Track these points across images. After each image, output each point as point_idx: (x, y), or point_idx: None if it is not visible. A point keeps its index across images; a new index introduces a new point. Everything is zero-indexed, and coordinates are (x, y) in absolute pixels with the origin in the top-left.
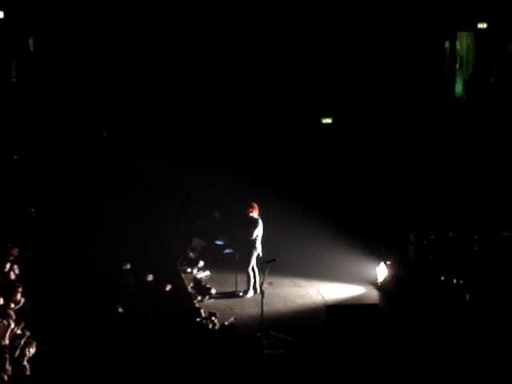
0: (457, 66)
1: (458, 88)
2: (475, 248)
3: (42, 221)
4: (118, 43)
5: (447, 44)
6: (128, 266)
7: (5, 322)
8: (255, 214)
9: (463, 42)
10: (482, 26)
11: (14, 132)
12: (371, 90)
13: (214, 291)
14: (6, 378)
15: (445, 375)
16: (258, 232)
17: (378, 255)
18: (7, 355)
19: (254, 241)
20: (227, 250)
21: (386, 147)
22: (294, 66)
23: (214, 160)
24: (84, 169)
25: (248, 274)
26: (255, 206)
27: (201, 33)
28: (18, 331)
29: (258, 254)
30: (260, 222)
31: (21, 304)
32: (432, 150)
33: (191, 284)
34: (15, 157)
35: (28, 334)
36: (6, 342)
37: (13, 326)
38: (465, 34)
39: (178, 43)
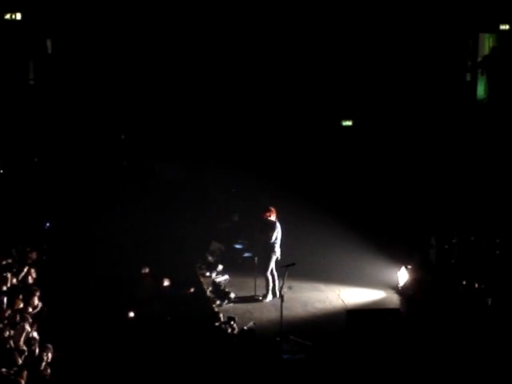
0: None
1: (480, 91)
2: (497, 252)
3: (59, 225)
4: (135, 45)
5: (470, 46)
6: (147, 270)
7: (24, 326)
8: (273, 217)
9: (485, 44)
10: (505, 27)
11: (31, 135)
12: (392, 92)
13: (232, 295)
14: (22, 382)
15: (465, 380)
16: (277, 236)
17: (399, 259)
18: (22, 359)
19: (273, 244)
20: (246, 254)
21: (407, 150)
22: (314, 68)
23: (233, 163)
24: (102, 171)
25: (267, 277)
26: (273, 209)
27: (221, 38)
28: (34, 335)
29: (277, 258)
30: (278, 225)
31: (38, 308)
32: (454, 153)
33: (210, 288)
34: (35, 159)
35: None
36: (22, 345)
37: (29, 329)
38: (487, 35)
39: (198, 47)
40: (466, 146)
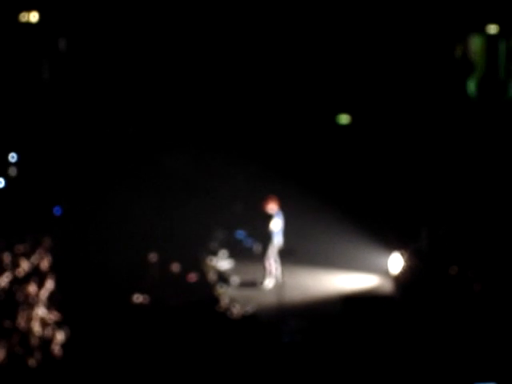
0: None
1: (470, 89)
2: (485, 241)
3: (71, 211)
4: (143, 41)
5: (460, 47)
6: (154, 256)
7: (36, 310)
8: (274, 206)
9: (475, 44)
10: (493, 28)
11: (44, 129)
12: (385, 89)
13: (234, 281)
14: (34, 363)
15: (459, 366)
16: (278, 224)
17: (394, 247)
18: (35, 341)
19: (273, 233)
20: (248, 241)
21: (400, 143)
22: (311, 61)
23: (235, 154)
24: (110, 162)
25: (267, 264)
26: (274, 198)
27: (222, 30)
28: (47, 317)
29: (278, 246)
30: (279, 214)
31: (52, 292)
32: (445, 148)
33: (213, 274)
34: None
35: (57, 320)
36: (36, 328)
37: (43, 313)
38: (476, 35)
39: (201, 39)
40: (457, 141)
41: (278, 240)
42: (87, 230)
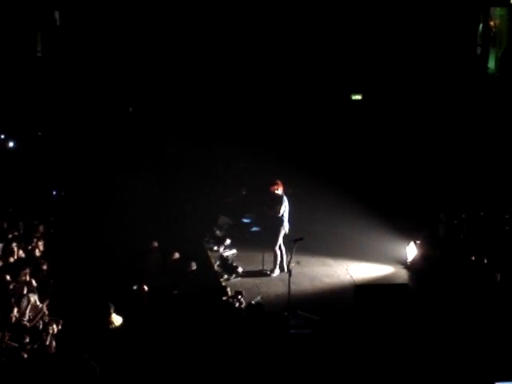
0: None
1: (491, 64)
2: (507, 227)
3: (67, 198)
4: (143, 18)
5: (480, 20)
6: (155, 244)
7: (29, 298)
8: (280, 191)
9: (496, 18)
10: None
11: (38, 108)
12: (403, 67)
13: (240, 270)
14: (25, 355)
15: (474, 355)
16: (284, 209)
17: (408, 234)
18: (27, 332)
19: (281, 218)
20: (254, 228)
21: (416, 124)
22: (324, 41)
23: (241, 138)
24: (109, 144)
25: (275, 252)
26: (280, 183)
27: (230, 13)
28: (40, 307)
29: (285, 232)
30: (285, 199)
31: (44, 280)
32: (464, 128)
33: (218, 262)
34: (40, 133)
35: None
36: (28, 317)
37: (37, 302)
38: (498, 9)
39: (210, 18)
40: (476, 119)
41: (285, 225)
42: (86, 216)
